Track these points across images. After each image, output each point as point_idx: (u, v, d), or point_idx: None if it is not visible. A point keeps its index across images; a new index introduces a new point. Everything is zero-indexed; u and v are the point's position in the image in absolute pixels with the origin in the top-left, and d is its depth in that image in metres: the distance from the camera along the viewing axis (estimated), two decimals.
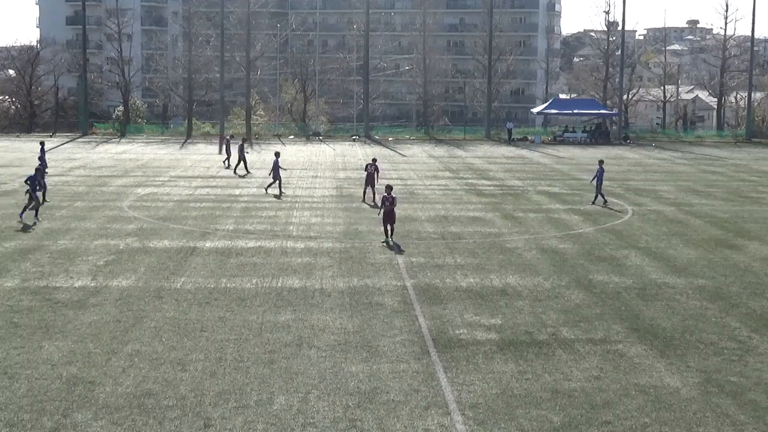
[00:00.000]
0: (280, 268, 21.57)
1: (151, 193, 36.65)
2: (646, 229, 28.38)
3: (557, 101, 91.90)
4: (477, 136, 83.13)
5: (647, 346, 15.42)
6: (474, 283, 20.07)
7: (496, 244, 25.23)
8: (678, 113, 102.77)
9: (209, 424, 11.77)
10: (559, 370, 14.06)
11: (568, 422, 11.99)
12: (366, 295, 18.81)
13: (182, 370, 13.80)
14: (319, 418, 12.03)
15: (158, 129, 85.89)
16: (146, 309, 17.49)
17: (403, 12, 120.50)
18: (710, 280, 20.81)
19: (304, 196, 36.07)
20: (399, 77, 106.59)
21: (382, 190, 26.20)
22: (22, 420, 11.81)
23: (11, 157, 54.00)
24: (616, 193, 37.54)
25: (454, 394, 12.95)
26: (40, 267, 21.21)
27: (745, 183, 43.84)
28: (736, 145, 76.51)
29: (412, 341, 15.52)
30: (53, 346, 14.96)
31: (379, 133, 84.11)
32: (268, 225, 28.30)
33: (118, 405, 12.35)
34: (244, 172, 44.95)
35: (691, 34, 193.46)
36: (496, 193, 38.24)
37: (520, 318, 17.18)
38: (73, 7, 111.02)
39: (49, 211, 30.22)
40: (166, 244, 24.63)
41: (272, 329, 16.17)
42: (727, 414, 12.37)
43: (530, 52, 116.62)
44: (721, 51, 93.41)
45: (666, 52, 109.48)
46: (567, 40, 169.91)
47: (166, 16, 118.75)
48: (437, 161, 55.74)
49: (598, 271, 21.70)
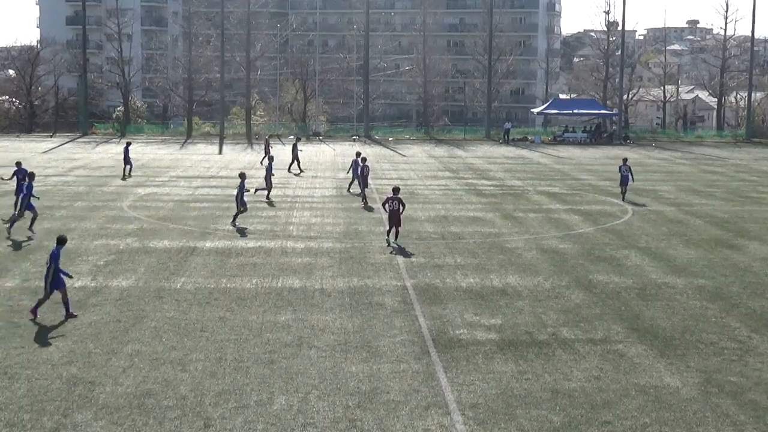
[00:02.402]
0: (280, 268, 21.57)
1: (151, 193, 36.65)
2: (646, 229, 28.38)
3: (557, 101, 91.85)
4: (477, 136, 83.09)
5: (647, 346, 15.43)
6: (474, 283, 20.07)
7: (496, 244, 25.23)
8: (678, 113, 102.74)
9: (209, 424, 11.78)
10: (559, 370, 14.06)
11: (568, 422, 11.99)
12: (366, 295, 18.81)
13: (182, 370, 13.81)
14: (319, 418, 12.03)
15: (158, 129, 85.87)
16: (146, 309, 17.49)
17: (403, 12, 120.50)
18: (710, 280, 20.81)
19: (304, 196, 36.07)
20: (399, 77, 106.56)
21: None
22: (22, 420, 11.81)
23: (11, 157, 53.94)
24: (616, 194, 37.53)
25: (454, 394, 12.95)
26: (40, 267, 21.17)
27: (745, 183, 43.84)
28: (736, 145, 76.50)
29: (412, 341, 15.52)
30: (53, 346, 14.97)
31: (379, 133, 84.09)
32: (268, 225, 28.30)
33: (118, 405, 12.36)
34: (297, 171, 45.85)
35: (691, 34, 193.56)
36: (496, 193, 38.23)
37: (520, 318, 17.18)
38: (73, 7, 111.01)
39: (50, 211, 30.21)
40: (166, 244, 24.63)
41: (272, 329, 16.17)
42: (727, 414, 12.37)
43: (530, 52, 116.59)
44: (721, 51, 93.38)
45: (666, 52, 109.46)
46: (567, 40, 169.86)
47: (166, 16, 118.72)
48: (437, 161, 55.73)
49: (598, 271, 21.70)
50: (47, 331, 15.87)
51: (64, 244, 17.11)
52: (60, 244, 16.85)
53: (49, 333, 15.79)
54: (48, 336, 15.59)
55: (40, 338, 15.45)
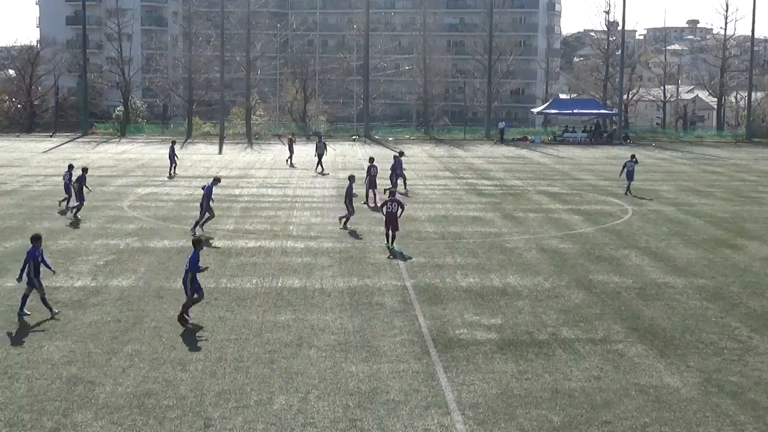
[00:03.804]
0: (280, 268, 21.57)
1: (151, 193, 36.65)
2: (646, 229, 28.38)
3: (557, 101, 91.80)
4: (477, 136, 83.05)
5: (647, 346, 15.43)
6: (474, 283, 20.07)
7: (496, 244, 25.22)
8: (678, 113, 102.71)
9: (209, 424, 11.78)
10: (559, 370, 14.06)
11: (568, 422, 11.99)
12: (366, 295, 18.81)
13: (182, 370, 13.81)
14: (319, 418, 12.03)
15: (158, 129, 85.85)
16: (146, 309, 17.49)
17: (403, 12, 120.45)
18: (710, 280, 20.81)
19: (304, 196, 36.07)
20: (399, 77, 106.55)
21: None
22: (22, 420, 11.81)
23: (11, 157, 53.99)
24: (616, 193, 37.54)
25: (454, 394, 12.95)
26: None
27: (745, 183, 43.83)
28: (736, 145, 76.47)
29: (412, 341, 15.52)
30: (53, 346, 14.97)
31: (379, 133, 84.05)
32: (268, 225, 28.30)
33: (118, 405, 12.36)
34: (321, 170, 46.55)
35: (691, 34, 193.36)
36: (496, 193, 38.23)
37: (520, 318, 17.18)
38: (73, 7, 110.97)
39: (50, 211, 30.23)
40: (166, 244, 24.62)
41: (272, 329, 16.17)
42: (727, 414, 12.37)
43: (530, 52, 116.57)
44: (721, 51, 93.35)
45: (666, 52, 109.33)
46: (567, 40, 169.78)
47: (166, 16, 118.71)
48: (437, 161, 55.71)
49: (598, 271, 21.70)
50: (47, 331, 15.87)
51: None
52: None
53: (49, 333, 15.79)
54: (48, 336, 15.59)
55: (40, 338, 15.45)
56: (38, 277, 16.69)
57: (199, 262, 16.48)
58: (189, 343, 15.24)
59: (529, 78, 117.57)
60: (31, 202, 33.05)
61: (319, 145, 48.57)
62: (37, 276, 16.66)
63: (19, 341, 15.27)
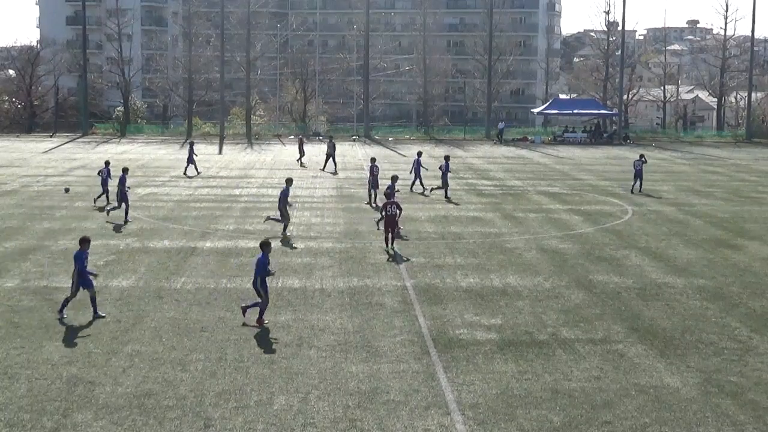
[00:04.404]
0: (280, 268, 21.54)
1: (151, 193, 36.64)
2: (646, 229, 28.38)
3: (557, 101, 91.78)
4: (477, 136, 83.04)
5: (647, 346, 15.43)
6: (474, 283, 20.07)
7: (496, 244, 25.22)
8: (678, 113, 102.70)
9: (209, 424, 11.78)
10: (559, 370, 14.06)
11: (568, 422, 11.99)
12: (366, 295, 18.82)
13: (182, 370, 13.81)
14: (319, 418, 12.03)
15: (158, 129, 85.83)
16: (146, 309, 17.50)
17: (403, 12, 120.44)
18: (710, 280, 20.81)
19: (304, 196, 36.06)
20: (399, 77, 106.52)
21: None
22: (22, 420, 11.81)
23: (11, 158, 53.98)
24: (616, 194, 37.54)
25: (454, 394, 12.95)
26: (40, 267, 21.22)
27: (745, 183, 43.83)
28: (736, 145, 76.46)
29: (412, 341, 15.52)
30: (53, 346, 14.97)
31: (379, 133, 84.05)
32: (268, 225, 28.28)
33: (118, 405, 12.36)
34: (333, 170, 46.67)
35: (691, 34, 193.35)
36: (496, 193, 38.23)
37: (520, 318, 17.18)
38: (73, 7, 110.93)
39: (50, 211, 30.23)
40: (166, 244, 24.63)
41: (272, 329, 16.18)
42: (727, 414, 12.37)
43: (530, 52, 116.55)
44: (721, 51, 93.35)
45: (666, 52, 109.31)
46: (567, 40, 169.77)
47: (166, 16, 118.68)
48: (437, 161, 55.62)
49: (598, 271, 21.70)
50: (47, 331, 15.87)
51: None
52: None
53: (49, 333, 15.78)
54: (48, 336, 15.59)
55: (40, 338, 15.45)
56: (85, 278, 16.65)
57: (268, 265, 16.46)
58: (189, 344, 15.24)
59: (529, 78, 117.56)
60: (31, 202, 33.04)
61: (330, 145, 49.07)
62: (83, 277, 16.61)
63: (19, 341, 15.25)
